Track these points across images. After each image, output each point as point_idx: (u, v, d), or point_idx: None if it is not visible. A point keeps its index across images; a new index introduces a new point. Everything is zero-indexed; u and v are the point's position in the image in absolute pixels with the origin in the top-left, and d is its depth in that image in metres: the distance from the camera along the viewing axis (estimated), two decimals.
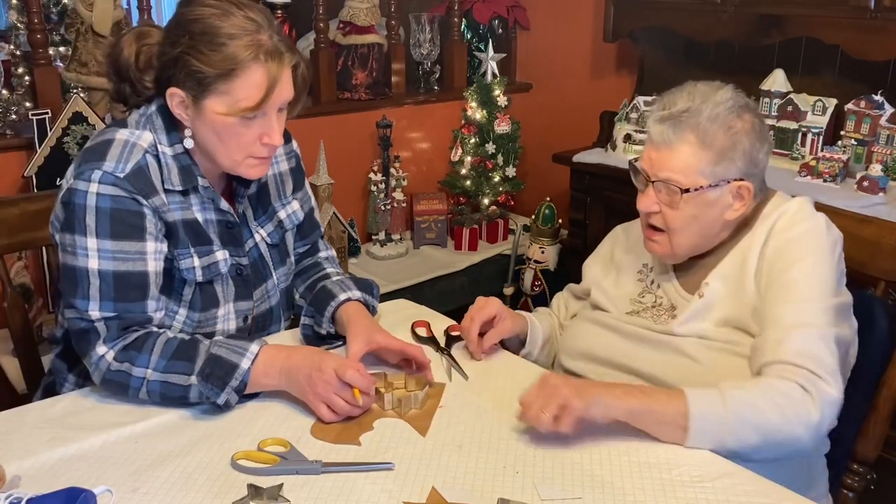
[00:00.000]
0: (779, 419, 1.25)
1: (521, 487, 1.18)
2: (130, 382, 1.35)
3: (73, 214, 1.36)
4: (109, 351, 1.36)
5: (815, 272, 1.39)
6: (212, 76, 1.34)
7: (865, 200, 2.35)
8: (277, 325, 1.67)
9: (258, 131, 1.40)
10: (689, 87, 1.48)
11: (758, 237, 1.46)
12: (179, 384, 1.34)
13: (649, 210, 1.49)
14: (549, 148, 3.26)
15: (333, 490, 1.17)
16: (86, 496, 1.06)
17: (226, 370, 1.33)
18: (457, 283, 3.20)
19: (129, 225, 1.38)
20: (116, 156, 1.38)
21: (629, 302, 1.60)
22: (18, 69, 2.59)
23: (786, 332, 1.34)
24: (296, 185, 1.67)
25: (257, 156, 1.43)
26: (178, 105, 1.40)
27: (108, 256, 1.36)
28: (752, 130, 1.45)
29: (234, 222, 1.53)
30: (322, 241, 1.76)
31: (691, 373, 1.43)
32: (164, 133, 1.43)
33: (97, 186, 1.36)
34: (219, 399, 1.34)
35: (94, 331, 1.37)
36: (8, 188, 2.45)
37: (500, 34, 3.71)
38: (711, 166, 1.43)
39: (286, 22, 3.01)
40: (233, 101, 1.35)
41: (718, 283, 1.47)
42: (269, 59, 1.35)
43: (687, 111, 1.43)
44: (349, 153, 3.19)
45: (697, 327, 1.46)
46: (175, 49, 1.36)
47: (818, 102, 2.64)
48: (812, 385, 1.28)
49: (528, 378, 1.49)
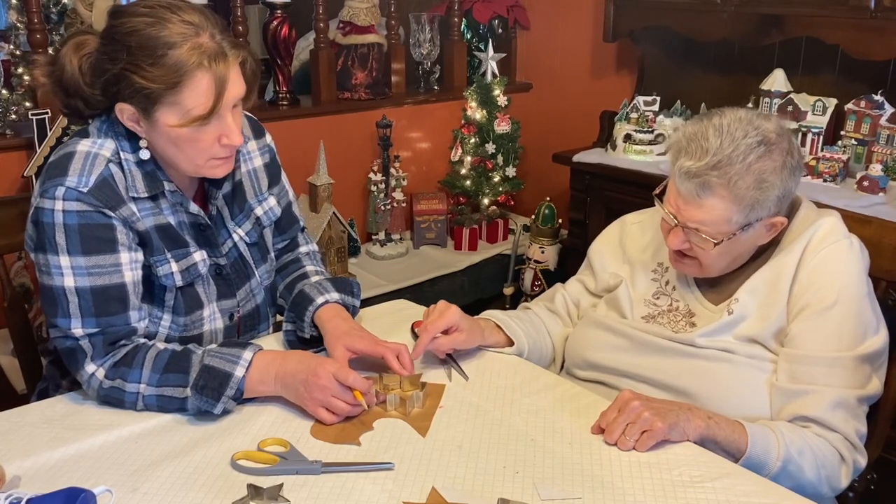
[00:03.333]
0: (814, 479, 1.33)
1: (521, 487, 1.18)
2: (125, 398, 1.35)
3: (43, 234, 1.34)
4: (99, 369, 1.35)
5: (858, 311, 1.40)
6: (158, 90, 1.29)
7: (865, 200, 2.35)
8: (266, 324, 1.66)
9: (215, 134, 1.36)
10: (715, 120, 1.40)
11: (791, 257, 1.44)
12: (176, 397, 1.34)
13: (679, 248, 1.46)
14: (549, 148, 3.26)
15: (333, 490, 1.17)
16: (86, 496, 1.06)
17: (220, 380, 1.32)
18: (457, 283, 3.20)
19: (99, 239, 1.35)
20: (79, 169, 1.34)
21: (644, 304, 1.58)
22: (18, 69, 2.59)
23: (826, 382, 1.37)
24: (271, 180, 1.63)
25: (218, 157, 1.40)
26: (129, 119, 1.36)
27: (82, 273, 1.34)
28: (784, 168, 1.38)
29: (206, 224, 1.49)
30: (302, 235, 1.73)
31: (709, 385, 1.43)
32: (126, 140, 1.39)
33: (62, 203, 1.32)
34: (215, 410, 1.33)
35: (80, 349, 1.36)
36: (8, 188, 2.45)
37: (500, 34, 3.71)
38: (744, 216, 1.39)
39: (286, 22, 3.00)
40: (183, 111, 1.31)
41: (748, 299, 1.46)
42: (213, 63, 1.30)
43: (717, 167, 1.36)
44: (349, 153, 3.19)
45: (720, 341, 1.45)
46: (115, 66, 1.30)
47: (818, 102, 2.64)
48: (850, 454, 1.36)
49: (528, 378, 1.50)
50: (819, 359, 1.38)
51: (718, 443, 1.31)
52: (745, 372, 1.42)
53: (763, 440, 1.31)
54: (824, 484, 1.35)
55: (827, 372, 1.38)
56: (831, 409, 1.36)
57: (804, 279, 1.42)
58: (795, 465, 1.31)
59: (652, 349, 1.50)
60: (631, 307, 1.58)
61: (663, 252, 1.58)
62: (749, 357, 1.43)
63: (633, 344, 1.52)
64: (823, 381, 1.37)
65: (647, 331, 1.53)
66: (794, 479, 1.31)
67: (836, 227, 1.45)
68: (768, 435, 1.32)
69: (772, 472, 1.30)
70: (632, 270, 1.63)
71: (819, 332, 1.39)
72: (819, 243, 1.43)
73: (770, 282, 1.45)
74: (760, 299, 1.45)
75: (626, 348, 1.53)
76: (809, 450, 1.33)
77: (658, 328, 1.53)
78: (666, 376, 1.47)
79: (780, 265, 1.45)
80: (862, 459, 1.39)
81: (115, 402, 1.36)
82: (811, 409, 1.36)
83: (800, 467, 1.32)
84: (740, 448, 1.30)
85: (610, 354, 1.54)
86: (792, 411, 1.37)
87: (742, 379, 1.42)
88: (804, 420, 1.36)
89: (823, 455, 1.34)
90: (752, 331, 1.44)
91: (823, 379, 1.37)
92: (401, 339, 1.58)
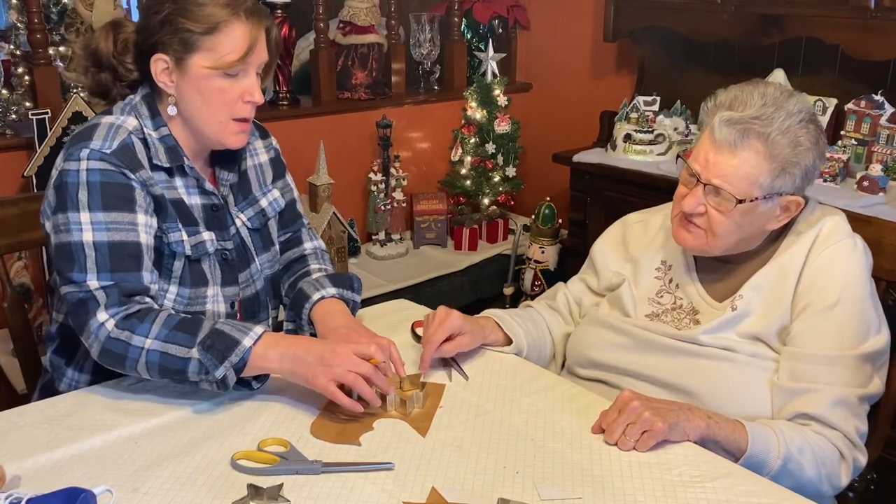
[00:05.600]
0: (814, 477, 1.34)
1: (521, 487, 1.18)
2: (128, 352, 1.34)
3: (65, 193, 1.39)
4: (110, 319, 1.36)
5: (861, 311, 1.40)
6: (197, 33, 1.41)
7: (865, 200, 2.35)
8: (265, 313, 1.67)
9: (240, 89, 1.46)
10: (761, 87, 1.42)
11: (796, 256, 1.44)
12: (179, 356, 1.33)
13: (694, 210, 1.44)
14: (549, 148, 3.26)
15: (333, 490, 1.17)
16: (86, 496, 1.06)
17: (227, 344, 1.33)
18: (457, 283, 3.20)
19: (119, 197, 1.40)
20: (103, 135, 1.43)
21: (647, 302, 1.58)
22: (18, 69, 2.59)
23: (827, 381, 1.37)
24: (276, 174, 1.69)
25: (239, 116, 1.48)
26: (162, 72, 1.45)
27: (101, 228, 1.38)
28: (815, 146, 1.40)
29: (220, 204, 1.55)
30: (307, 232, 1.74)
31: (711, 384, 1.43)
32: (149, 119, 1.48)
33: (86, 163, 1.40)
34: (217, 372, 1.32)
35: (94, 299, 1.36)
36: (8, 188, 2.45)
37: (500, 34, 3.71)
38: (771, 178, 1.38)
39: (286, 22, 3.00)
40: (217, 56, 1.42)
41: (752, 295, 1.46)
42: (249, 17, 1.44)
43: (759, 118, 1.37)
44: (349, 153, 3.19)
45: (723, 338, 1.45)
46: (159, 15, 1.43)
47: (818, 102, 2.64)
48: (850, 453, 1.36)
49: (528, 378, 1.50)
50: (821, 357, 1.38)
51: (719, 442, 1.31)
52: (747, 371, 1.42)
53: (763, 439, 1.31)
54: (825, 482, 1.35)
55: (828, 370, 1.38)
56: (832, 407, 1.36)
57: (808, 278, 1.42)
58: (796, 464, 1.31)
59: (655, 348, 1.50)
60: (634, 306, 1.58)
61: (666, 250, 1.58)
62: (751, 356, 1.43)
63: (636, 342, 1.52)
64: (825, 380, 1.37)
65: (649, 329, 1.52)
66: (794, 477, 1.32)
67: (840, 225, 1.46)
68: (768, 433, 1.32)
69: (772, 470, 1.30)
70: (635, 269, 1.62)
71: (821, 330, 1.39)
72: (824, 241, 1.43)
73: (775, 279, 1.45)
74: (765, 296, 1.45)
75: (628, 347, 1.53)
76: (809, 448, 1.33)
77: (661, 326, 1.53)
78: (668, 375, 1.47)
79: (786, 263, 1.45)
80: (862, 458, 1.39)
81: (116, 359, 1.36)
82: (811, 406, 1.36)
83: (800, 465, 1.32)
84: (741, 447, 1.30)
85: (612, 353, 1.54)
86: (793, 409, 1.38)
87: (744, 378, 1.42)
88: (804, 418, 1.37)
89: (823, 453, 1.34)
90: (755, 328, 1.44)
91: (825, 377, 1.37)
92: (401, 338, 1.58)
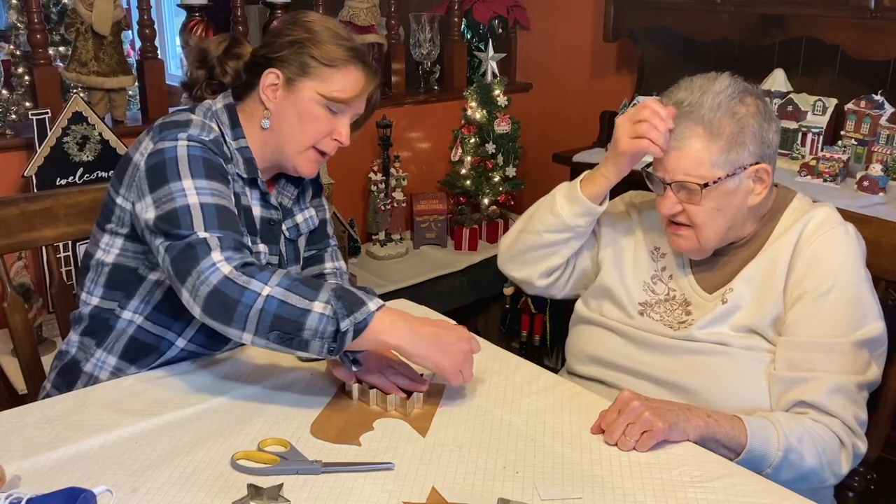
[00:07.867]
0: (816, 465, 1.34)
1: (521, 487, 1.18)
2: (243, 297, 1.27)
3: (164, 168, 1.40)
4: (225, 262, 1.30)
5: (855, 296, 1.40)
6: (319, 62, 1.48)
7: (865, 200, 2.35)
8: None
9: (334, 126, 1.52)
10: (686, 82, 1.48)
11: (785, 246, 1.45)
12: (299, 307, 1.27)
13: (672, 212, 1.47)
14: (549, 148, 3.26)
15: (333, 490, 1.17)
16: (86, 496, 1.06)
17: (355, 301, 1.29)
18: (457, 283, 3.19)
19: (218, 172, 1.44)
20: (199, 127, 1.46)
21: (642, 287, 1.58)
22: (18, 69, 2.59)
23: (824, 368, 1.37)
24: (314, 192, 1.73)
25: (322, 149, 1.54)
26: (269, 86, 1.50)
27: (205, 192, 1.39)
28: (758, 113, 1.43)
29: (277, 219, 1.59)
30: (331, 252, 1.75)
31: (709, 380, 1.43)
32: (229, 128, 1.52)
33: (185, 143, 1.42)
34: (343, 323, 1.26)
35: (205, 244, 1.32)
36: (8, 188, 2.45)
37: (500, 34, 3.70)
38: (724, 155, 1.41)
39: None
40: (329, 89, 1.48)
41: (743, 288, 1.46)
42: (366, 70, 1.52)
43: (688, 104, 1.43)
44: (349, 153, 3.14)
45: (716, 332, 1.46)
46: (290, 37, 1.49)
47: (818, 102, 2.64)
48: (849, 439, 1.37)
49: (528, 378, 1.50)
50: (817, 344, 1.38)
51: (719, 440, 1.31)
52: (744, 364, 1.43)
53: (762, 432, 1.31)
54: (826, 469, 1.34)
55: (825, 358, 1.37)
56: (829, 394, 1.35)
57: (801, 268, 1.43)
58: (796, 454, 1.31)
59: (651, 346, 1.51)
60: (628, 294, 1.59)
61: (663, 240, 1.59)
62: (746, 349, 1.43)
63: (634, 342, 1.54)
64: (822, 367, 1.37)
65: (646, 328, 1.53)
66: (796, 467, 1.31)
67: (830, 215, 1.47)
68: (767, 426, 1.32)
69: (773, 463, 1.30)
70: (635, 242, 1.63)
71: (817, 317, 1.40)
72: (814, 232, 1.44)
73: (765, 271, 1.46)
74: (755, 289, 1.46)
75: (626, 344, 1.55)
76: (808, 436, 1.32)
77: (657, 325, 1.54)
78: (666, 373, 1.48)
79: (775, 255, 1.46)
80: (861, 445, 1.38)
81: (226, 304, 1.28)
82: (809, 394, 1.36)
83: (801, 455, 1.31)
84: (740, 442, 1.30)
85: (611, 348, 1.56)
86: (791, 398, 1.38)
87: (741, 372, 1.42)
88: (803, 406, 1.36)
89: (823, 441, 1.34)
90: (748, 320, 1.45)
91: (822, 365, 1.37)
92: None
